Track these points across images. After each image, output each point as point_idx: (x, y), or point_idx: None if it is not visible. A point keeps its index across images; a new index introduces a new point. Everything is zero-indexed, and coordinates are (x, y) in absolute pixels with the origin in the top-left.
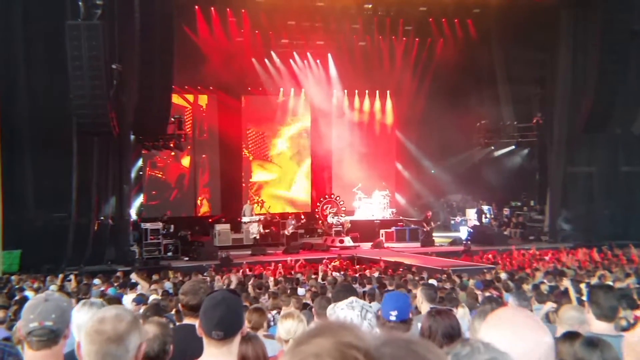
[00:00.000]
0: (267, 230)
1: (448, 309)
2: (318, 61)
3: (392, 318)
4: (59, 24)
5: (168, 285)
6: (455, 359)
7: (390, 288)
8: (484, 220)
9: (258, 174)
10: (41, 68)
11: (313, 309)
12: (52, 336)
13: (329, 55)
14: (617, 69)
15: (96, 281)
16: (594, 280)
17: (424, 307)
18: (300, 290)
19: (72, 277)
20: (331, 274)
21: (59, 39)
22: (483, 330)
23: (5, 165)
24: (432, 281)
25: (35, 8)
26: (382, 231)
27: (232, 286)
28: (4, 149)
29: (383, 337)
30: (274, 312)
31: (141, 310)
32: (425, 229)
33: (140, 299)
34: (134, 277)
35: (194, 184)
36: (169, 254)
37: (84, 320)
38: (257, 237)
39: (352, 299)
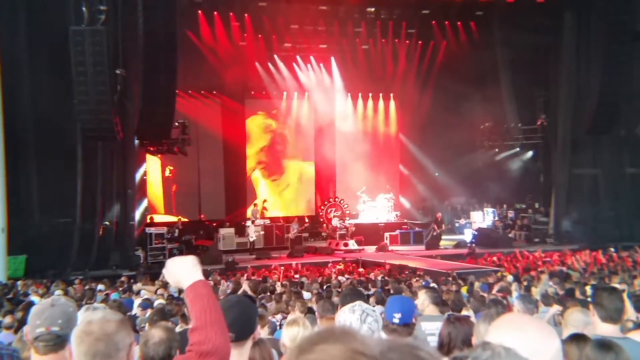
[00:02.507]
0: (262, 233)
1: (466, 316)
2: (321, 65)
3: (396, 320)
4: (63, 30)
5: (173, 289)
6: None
7: (392, 291)
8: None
9: (262, 177)
10: (45, 74)
11: (316, 313)
12: (58, 341)
13: (332, 59)
14: (621, 70)
15: (100, 287)
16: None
17: (429, 309)
18: (307, 295)
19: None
20: (336, 277)
21: (63, 44)
22: (490, 334)
23: (10, 171)
24: (433, 285)
25: (39, 14)
26: (386, 234)
27: (240, 292)
28: (9, 155)
29: (388, 343)
30: (279, 316)
31: (147, 315)
32: (436, 231)
33: (146, 304)
34: (139, 286)
35: (197, 188)
36: None
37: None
38: (254, 241)
39: (356, 302)
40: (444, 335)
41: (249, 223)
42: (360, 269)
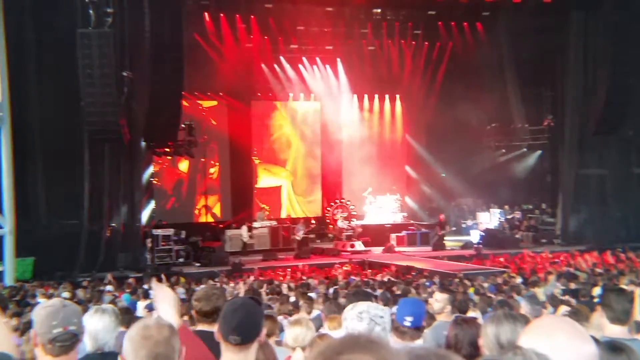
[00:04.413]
0: (250, 234)
1: (473, 317)
2: (327, 66)
3: (407, 323)
4: (70, 32)
5: (180, 291)
6: None
7: (398, 292)
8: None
9: (266, 179)
10: (53, 76)
11: (322, 314)
12: (74, 340)
13: (338, 60)
14: (628, 70)
15: (109, 287)
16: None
17: (447, 314)
18: (313, 295)
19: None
20: (342, 278)
21: (70, 46)
22: (523, 339)
23: (18, 173)
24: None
25: (47, 16)
26: (393, 235)
27: (241, 294)
28: (17, 157)
29: (415, 352)
30: (280, 317)
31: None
32: (439, 233)
33: (153, 306)
34: (153, 283)
35: (204, 190)
36: (181, 260)
37: (97, 326)
38: (246, 242)
39: (364, 307)
40: (450, 336)
41: (257, 225)
42: (367, 270)
